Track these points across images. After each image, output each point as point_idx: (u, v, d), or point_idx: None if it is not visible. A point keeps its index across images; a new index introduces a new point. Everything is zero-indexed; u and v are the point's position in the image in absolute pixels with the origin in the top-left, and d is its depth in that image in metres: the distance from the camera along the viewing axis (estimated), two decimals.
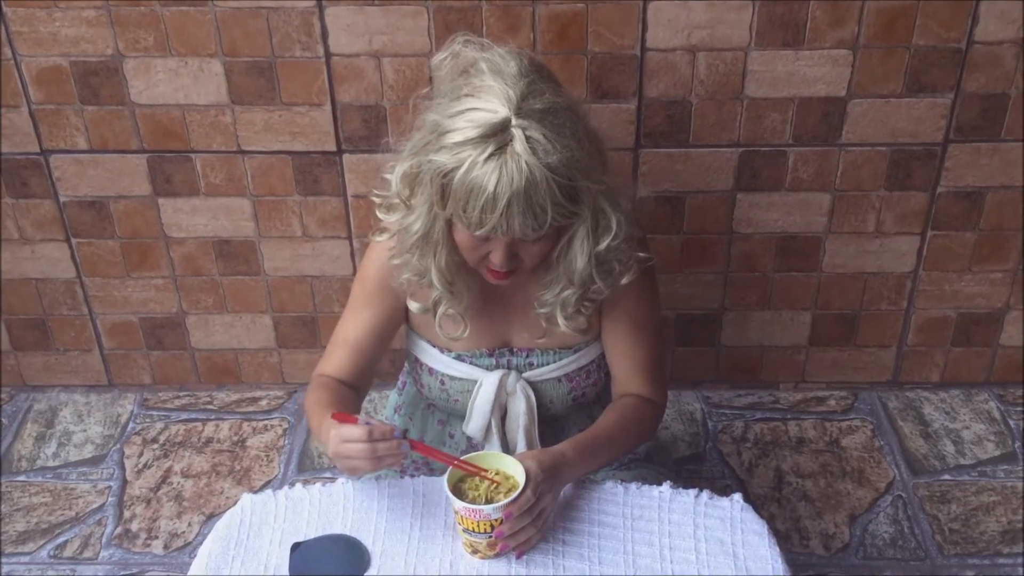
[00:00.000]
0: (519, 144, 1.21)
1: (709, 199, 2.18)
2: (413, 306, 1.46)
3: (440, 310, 1.44)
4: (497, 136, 1.22)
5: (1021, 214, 2.20)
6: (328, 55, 2.01)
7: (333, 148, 2.13)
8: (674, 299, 2.33)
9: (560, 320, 1.42)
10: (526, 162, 1.21)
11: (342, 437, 1.27)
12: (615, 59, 2.01)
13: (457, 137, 1.23)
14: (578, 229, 1.33)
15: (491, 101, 1.23)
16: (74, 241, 2.27)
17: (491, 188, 1.21)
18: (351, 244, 2.25)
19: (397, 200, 1.38)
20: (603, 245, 1.35)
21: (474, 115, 1.23)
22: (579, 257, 1.35)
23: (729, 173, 2.15)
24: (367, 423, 1.27)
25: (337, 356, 1.51)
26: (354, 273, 2.28)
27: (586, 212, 1.31)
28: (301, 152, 2.13)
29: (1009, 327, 2.37)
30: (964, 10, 1.96)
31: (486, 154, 1.21)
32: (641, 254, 1.43)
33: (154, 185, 2.18)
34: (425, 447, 1.34)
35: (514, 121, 1.22)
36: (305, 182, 2.17)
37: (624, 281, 1.42)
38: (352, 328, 1.50)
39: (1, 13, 1.98)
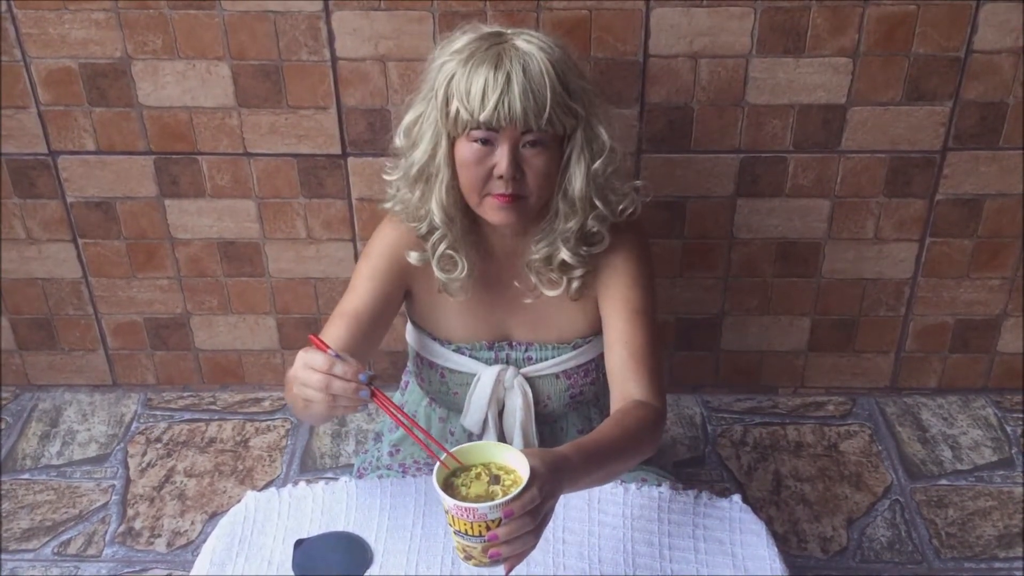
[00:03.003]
0: (517, 40, 1.35)
1: (710, 204, 2.20)
2: (412, 256, 1.47)
3: (441, 247, 1.45)
4: (494, 37, 1.36)
5: (1019, 221, 2.22)
6: (334, 59, 2.03)
7: (338, 151, 2.15)
8: (674, 303, 2.34)
9: (564, 253, 1.44)
10: (523, 50, 1.33)
11: (305, 361, 1.19)
12: (618, 65, 2.03)
13: (459, 43, 1.36)
14: (574, 147, 1.39)
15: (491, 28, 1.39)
16: (80, 241, 2.29)
17: (491, 71, 1.31)
18: (355, 246, 2.27)
19: (402, 151, 1.44)
20: (598, 163, 1.40)
21: (474, 30, 1.38)
22: (576, 177, 1.40)
23: (730, 179, 2.17)
24: (336, 355, 1.19)
25: (332, 331, 1.45)
26: None
27: (582, 115, 1.38)
28: (306, 155, 2.15)
29: (1006, 334, 2.39)
30: (963, 19, 1.98)
31: (485, 47, 1.34)
32: (637, 182, 1.50)
33: (160, 186, 2.20)
34: (387, 402, 1.20)
35: (510, 31, 1.38)
36: (310, 184, 2.19)
37: (622, 208, 1.47)
38: (352, 300, 1.48)
39: (12, 15, 2.00)
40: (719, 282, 2.32)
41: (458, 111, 1.32)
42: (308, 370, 1.18)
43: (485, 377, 1.54)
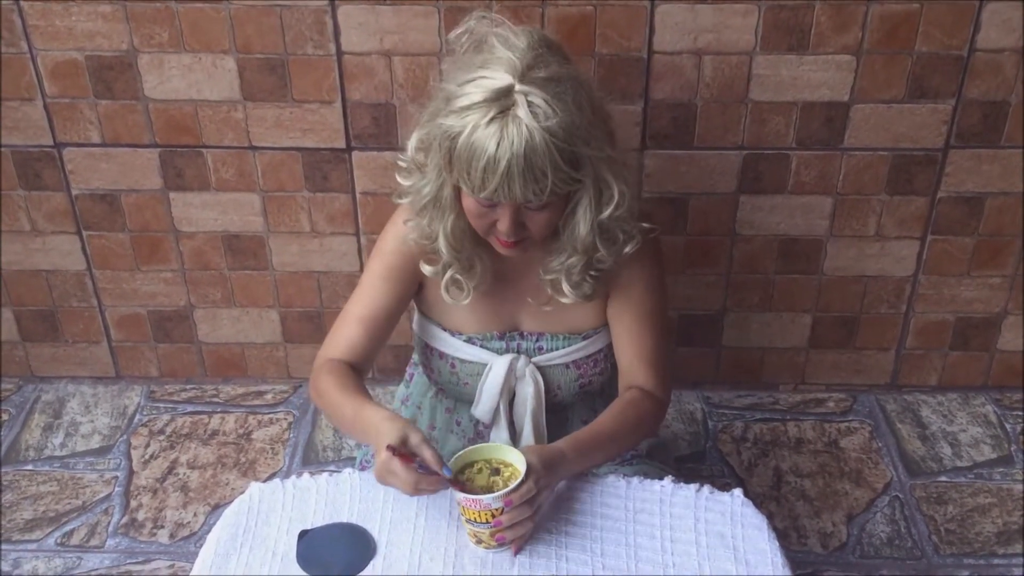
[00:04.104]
0: (521, 109, 1.25)
1: (712, 201, 2.21)
2: (426, 269, 1.47)
3: (449, 273, 1.46)
4: (500, 101, 1.25)
5: (1019, 220, 2.23)
6: (339, 53, 2.04)
7: (343, 145, 2.15)
8: (676, 300, 2.35)
9: (565, 287, 1.44)
10: (526, 125, 1.24)
11: (390, 469, 1.28)
12: (622, 61, 2.03)
13: (464, 102, 1.27)
14: (581, 197, 1.37)
15: (498, 70, 1.28)
16: (85, 233, 2.30)
17: (492, 150, 1.25)
18: (359, 240, 2.28)
19: (413, 165, 1.42)
20: (605, 214, 1.38)
21: (481, 82, 1.27)
22: (582, 225, 1.38)
23: (732, 175, 2.18)
24: (419, 469, 1.28)
25: (349, 334, 1.49)
26: (361, 269, 2.30)
27: (588, 180, 1.34)
28: (311, 148, 2.16)
29: (1007, 332, 2.40)
30: (966, 18, 1.98)
31: (488, 117, 1.25)
32: (645, 224, 1.46)
33: (165, 179, 2.21)
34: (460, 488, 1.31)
35: (517, 87, 1.26)
36: (314, 178, 2.20)
37: (627, 250, 1.44)
38: (367, 302, 1.50)
39: (18, 7, 2.01)
40: (721, 278, 2.33)
41: (458, 179, 1.31)
42: (395, 478, 1.28)
43: (497, 366, 1.54)
